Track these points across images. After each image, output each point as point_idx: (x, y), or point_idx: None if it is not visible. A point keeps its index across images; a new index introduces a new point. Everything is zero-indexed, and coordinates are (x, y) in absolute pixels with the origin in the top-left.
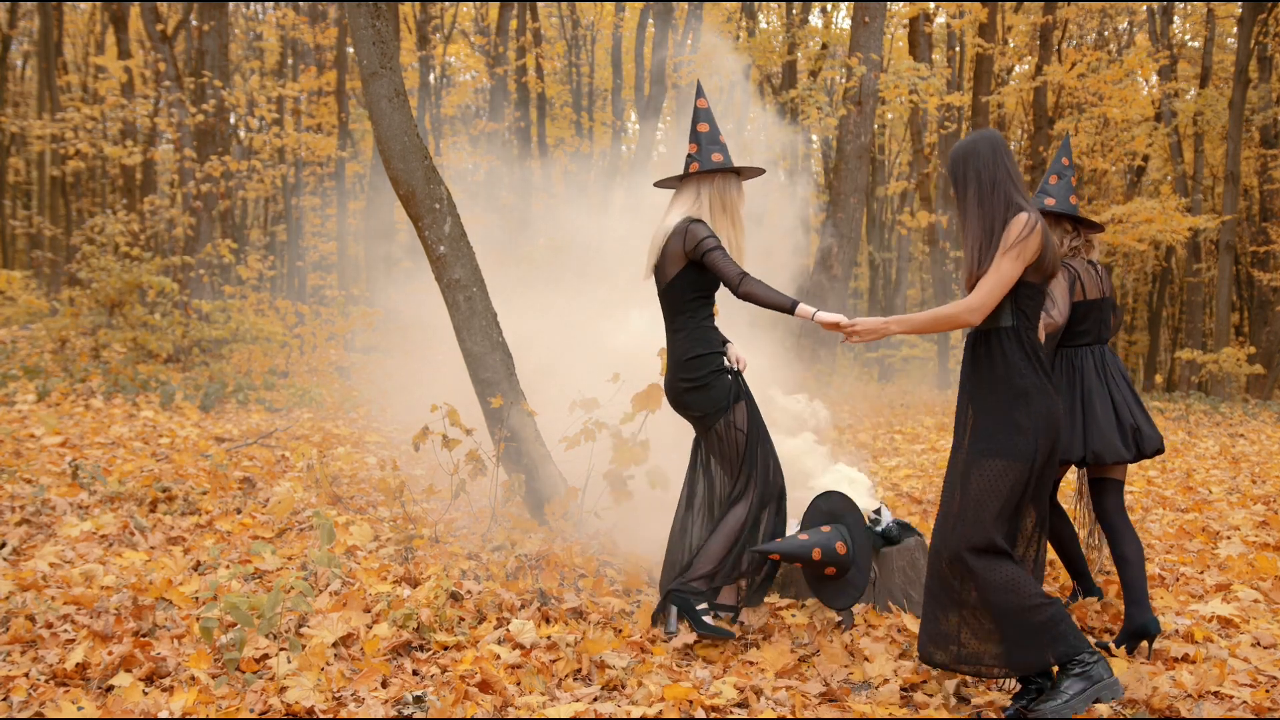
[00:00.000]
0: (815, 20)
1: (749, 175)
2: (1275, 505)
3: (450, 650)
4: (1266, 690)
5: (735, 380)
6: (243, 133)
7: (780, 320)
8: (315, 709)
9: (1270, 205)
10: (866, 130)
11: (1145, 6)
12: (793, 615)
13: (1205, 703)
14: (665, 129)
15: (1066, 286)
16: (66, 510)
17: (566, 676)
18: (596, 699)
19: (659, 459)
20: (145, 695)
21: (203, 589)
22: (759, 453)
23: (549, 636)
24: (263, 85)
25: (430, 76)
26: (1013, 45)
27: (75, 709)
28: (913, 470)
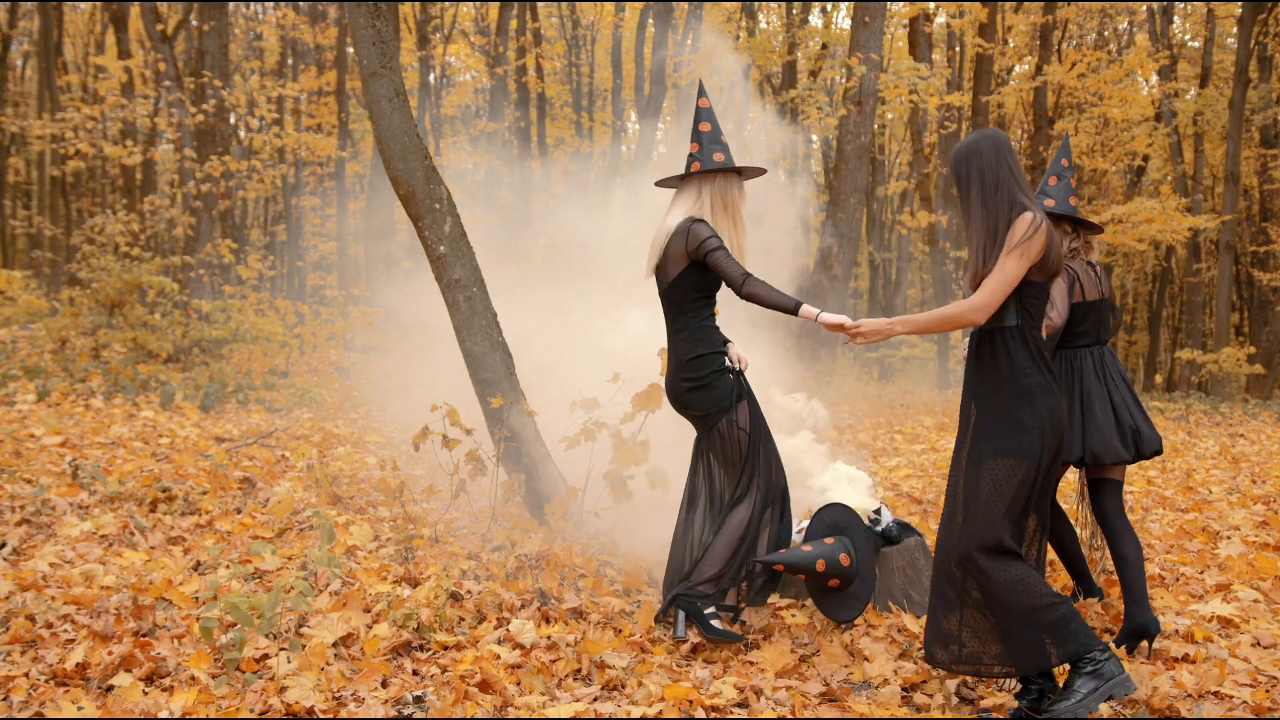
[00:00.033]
0: (815, 20)
1: (750, 175)
2: (1275, 505)
3: (450, 650)
4: (1266, 690)
5: (737, 380)
6: (243, 133)
7: (780, 320)
8: (315, 709)
9: (1270, 205)
10: (866, 130)
11: (1145, 6)
12: (793, 615)
13: (1205, 703)
14: (665, 129)
15: (1066, 288)
16: (66, 510)
17: (566, 676)
18: (596, 699)
19: (659, 459)
20: (145, 695)
21: (203, 589)
22: (761, 452)
23: (549, 636)
24: (263, 85)
25: (430, 76)
26: (1013, 45)
27: (75, 709)
28: (913, 470)
